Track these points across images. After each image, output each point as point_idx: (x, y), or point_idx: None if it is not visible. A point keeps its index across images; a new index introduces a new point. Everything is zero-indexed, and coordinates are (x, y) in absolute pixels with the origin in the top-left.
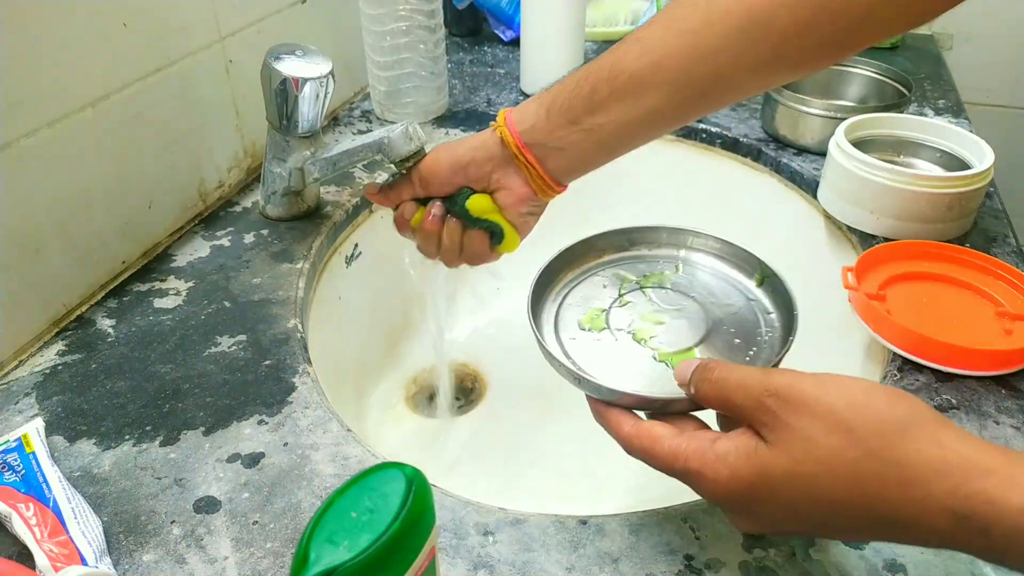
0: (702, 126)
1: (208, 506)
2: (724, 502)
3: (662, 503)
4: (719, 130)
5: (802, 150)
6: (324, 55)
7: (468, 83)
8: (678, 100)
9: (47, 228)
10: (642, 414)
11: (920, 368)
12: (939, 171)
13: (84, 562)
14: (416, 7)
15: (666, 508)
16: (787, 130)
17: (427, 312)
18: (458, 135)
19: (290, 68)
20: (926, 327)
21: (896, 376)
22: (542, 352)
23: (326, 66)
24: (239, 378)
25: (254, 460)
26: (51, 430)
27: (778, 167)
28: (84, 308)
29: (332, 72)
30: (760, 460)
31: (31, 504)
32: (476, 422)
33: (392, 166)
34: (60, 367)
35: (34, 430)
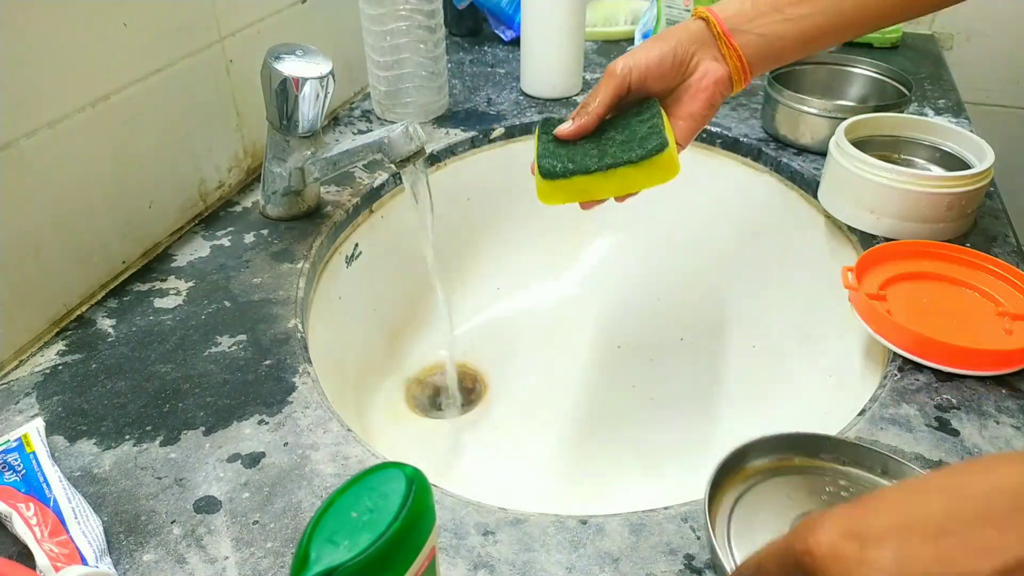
0: None
1: (208, 506)
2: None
3: (662, 503)
4: (719, 130)
5: (802, 150)
6: (324, 55)
7: (468, 83)
8: None
9: (47, 228)
10: None
11: (920, 368)
12: (939, 171)
13: (84, 562)
14: (416, 7)
15: (666, 508)
16: (787, 130)
17: (439, 298)
18: (458, 135)
19: (290, 68)
20: (926, 327)
21: (896, 376)
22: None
23: (326, 66)
24: (239, 378)
25: (254, 460)
26: (51, 430)
27: (778, 167)
28: (84, 308)
29: (332, 72)
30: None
31: (31, 504)
32: (476, 422)
33: (392, 166)
34: (60, 367)
35: (34, 430)
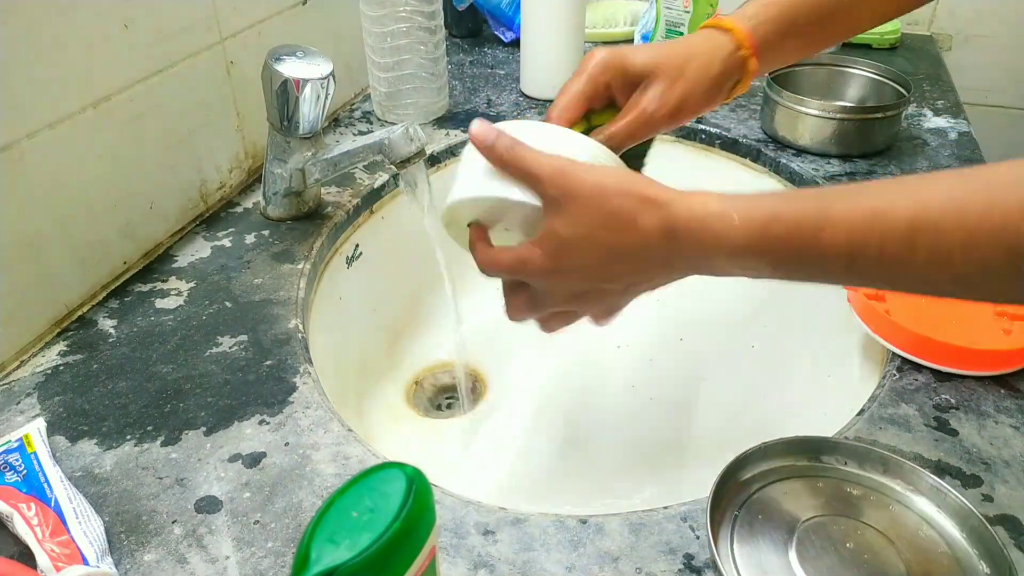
0: (701, 126)
1: (209, 506)
2: (545, 277)
3: (662, 503)
4: (719, 130)
5: (801, 151)
6: (325, 56)
7: (468, 84)
8: None
9: (48, 229)
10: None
11: (919, 368)
12: None
13: (85, 562)
14: (416, 8)
15: (666, 508)
16: (786, 130)
17: (448, 293)
18: (459, 136)
19: (291, 69)
20: (925, 327)
21: (895, 376)
22: None
23: (327, 67)
24: (240, 378)
25: (255, 460)
26: (53, 430)
27: (777, 167)
28: (85, 308)
29: (333, 73)
30: (555, 232)
31: (33, 504)
32: (477, 422)
33: (393, 167)
34: (62, 367)
35: (36, 430)
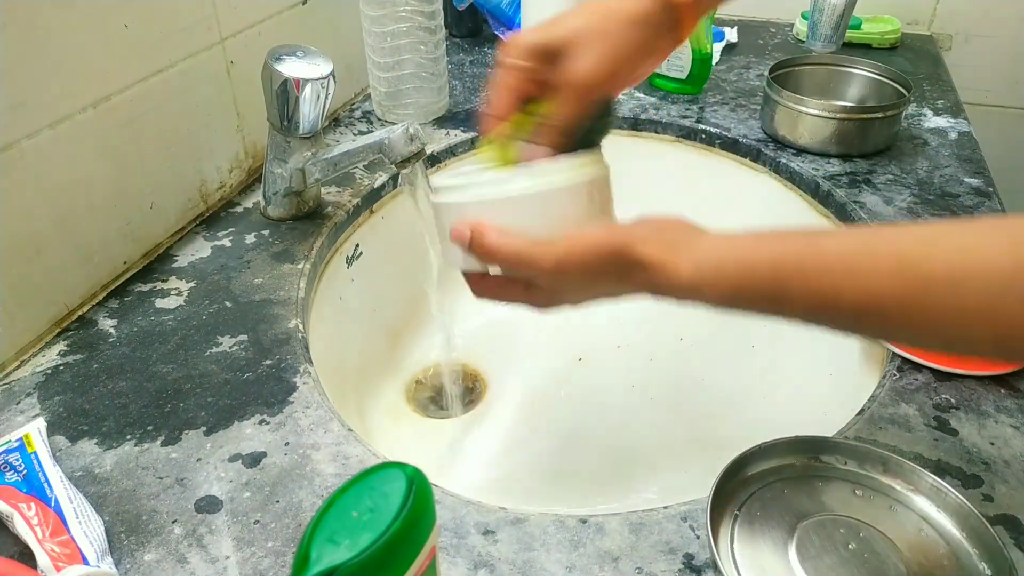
0: (701, 126)
1: (209, 505)
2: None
3: (662, 503)
4: (718, 130)
5: (801, 150)
6: (325, 56)
7: (468, 84)
8: None
9: (49, 229)
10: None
11: (919, 368)
12: None
13: (86, 561)
14: (416, 8)
15: (666, 507)
16: (786, 130)
17: (434, 300)
18: (459, 136)
19: (291, 69)
20: None
21: (895, 376)
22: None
23: (327, 67)
24: (240, 378)
25: (255, 460)
26: (53, 430)
27: (777, 167)
28: (86, 308)
29: (333, 73)
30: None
31: (33, 504)
32: (476, 422)
33: (393, 167)
34: (62, 367)
35: (36, 430)
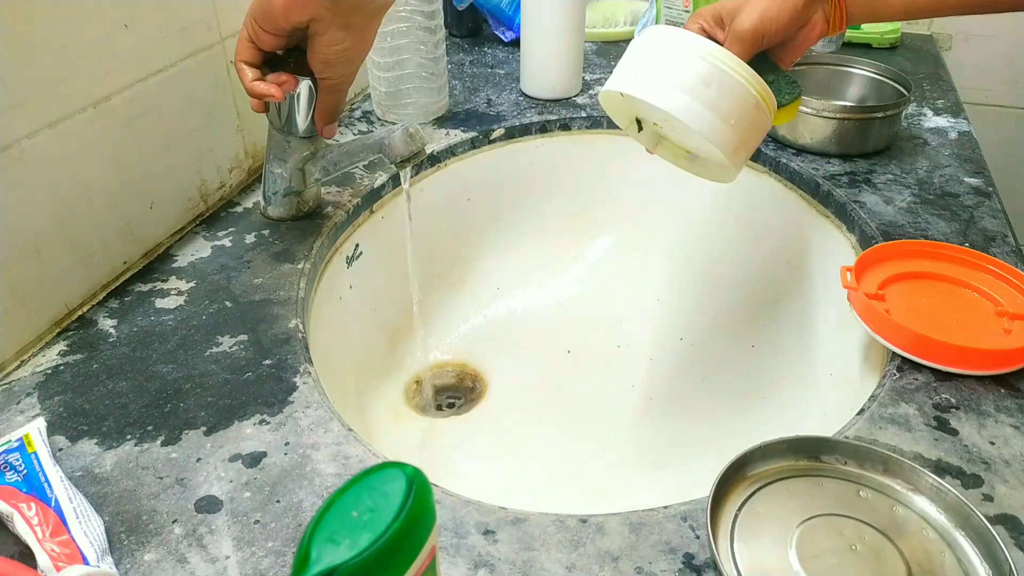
0: None
1: (209, 505)
2: None
3: (662, 502)
4: None
5: (801, 150)
6: None
7: (468, 84)
8: None
9: (48, 228)
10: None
11: (919, 368)
12: None
13: (86, 561)
14: (416, 8)
15: (666, 507)
16: (786, 130)
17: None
18: (458, 136)
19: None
20: (925, 326)
21: (895, 376)
22: None
23: None
24: (240, 378)
25: (255, 460)
26: (53, 430)
27: (777, 167)
28: (85, 308)
29: None
30: None
31: (33, 504)
32: (476, 422)
33: (393, 166)
34: (62, 367)
35: (36, 430)
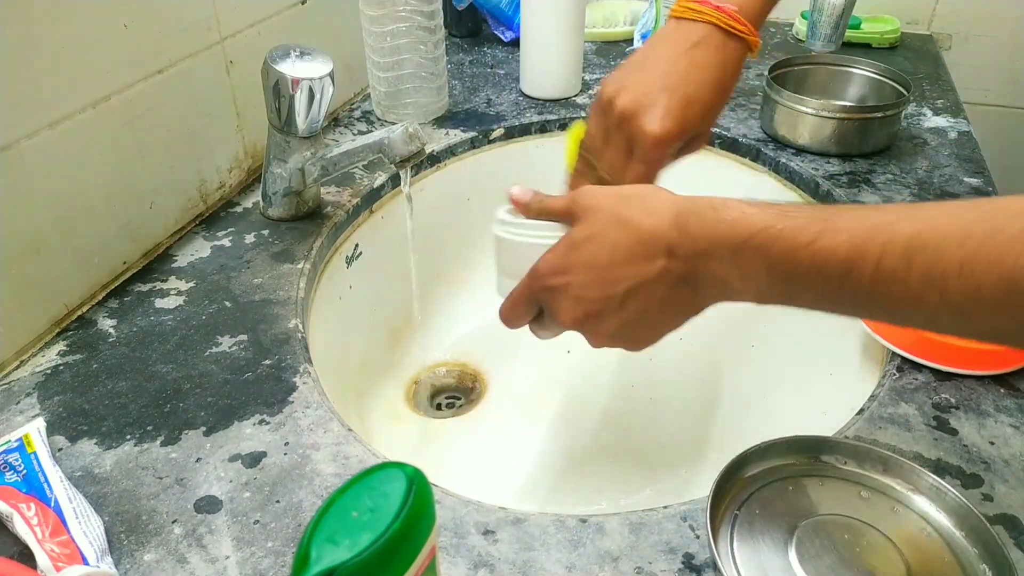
0: None
1: (209, 506)
2: (552, 277)
3: (662, 502)
4: (718, 130)
5: (801, 150)
6: (324, 56)
7: (468, 84)
8: None
9: (48, 228)
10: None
11: (919, 367)
12: None
13: (85, 562)
14: (416, 8)
15: (666, 507)
16: (786, 130)
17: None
18: (458, 136)
19: (290, 69)
20: None
21: (895, 376)
22: None
23: (326, 67)
24: (240, 378)
25: (255, 460)
26: (52, 430)
27: (777, 167)
28: (85, 308)
29: (332, 73)
30: (568, 235)
31: (32, 504)
32: (476, 422)
33: (393, 166)
34: (61, 367)
35: (35, 430)
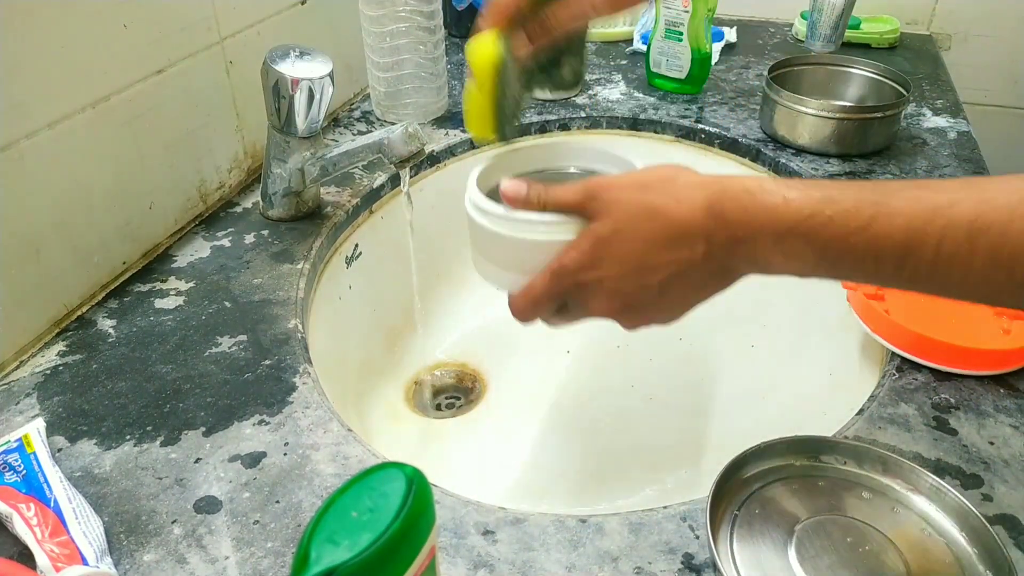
0: (701, 126)
1: (209, 506)
2: (582, 273)
3: (661, 502)
4: (718, 130)
5: (800, 150)
6: (324, 56)
7: None
8: None
9: (48, 229)
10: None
11: (919, 367)
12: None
13: (85, 562)
14: (416, 8)
15: (665, 507)
16: (786, 130)
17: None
18: (458, 136)
19: (290, 69)
20: (924, 326)
21: (895, 376)
22: None
23: (326, 67)
24: (240, 378)
25: (255, 460)
26: (52, 430)
27: (776, 167)
28: (85, 308)
29: (332, 73)
30: (592, 231)
31: (32, 504)
32: (476, 422)
33: (392, 166)
34: (61, 367)
35: (35, 430)
